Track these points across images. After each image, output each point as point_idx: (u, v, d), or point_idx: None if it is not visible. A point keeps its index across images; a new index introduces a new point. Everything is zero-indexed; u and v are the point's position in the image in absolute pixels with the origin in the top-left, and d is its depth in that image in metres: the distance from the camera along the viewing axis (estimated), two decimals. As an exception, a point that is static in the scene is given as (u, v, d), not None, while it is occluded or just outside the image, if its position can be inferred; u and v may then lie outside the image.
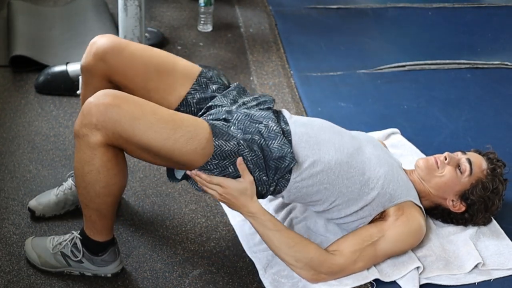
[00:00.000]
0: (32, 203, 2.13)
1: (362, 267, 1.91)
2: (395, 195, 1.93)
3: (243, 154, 1.79)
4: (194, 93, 1.96)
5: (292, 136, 1.88)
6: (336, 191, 1.89)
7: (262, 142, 1.82)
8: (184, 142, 1.74)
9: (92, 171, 1.73)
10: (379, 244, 1.90)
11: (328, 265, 1.87)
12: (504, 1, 3.92)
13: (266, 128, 1.85)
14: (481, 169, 2.03)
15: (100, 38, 1.96)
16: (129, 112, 1.69)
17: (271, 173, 1.83)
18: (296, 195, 1.90)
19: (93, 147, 1.70)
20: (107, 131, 1.68)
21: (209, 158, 1.77)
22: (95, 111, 1.67)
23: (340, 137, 1.96)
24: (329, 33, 3.43)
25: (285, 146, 1.82)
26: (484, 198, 2.02)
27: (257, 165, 1.81)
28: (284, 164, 1.82)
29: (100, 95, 1.70)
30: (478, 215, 2.06)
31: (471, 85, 3.03)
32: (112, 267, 1.93)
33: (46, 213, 2.12)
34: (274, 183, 1.85)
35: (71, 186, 2.13)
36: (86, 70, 1.97)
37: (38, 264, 1.93)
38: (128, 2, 2.69)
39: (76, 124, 1.71)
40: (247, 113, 1.89)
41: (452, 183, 2.02)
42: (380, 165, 1.94)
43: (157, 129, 1.71)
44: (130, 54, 1.94)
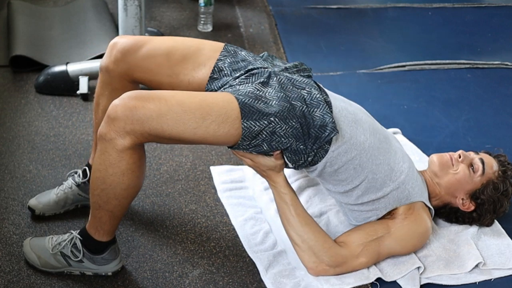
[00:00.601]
0: (32, 201, 2.13)
1: (363, 262, 1.91)
2: (412, 193, 1.94)
3: (275, 130, 1.76)
4: (224, 59, 1.93)
5: (333, 108, 1.87)
6: (363, 174, 1.89)
7: (305, 108, 1.80)
8: (216, 127, 1.73)
9: (117, 173, 1.73)
10: (384, 240, 1.90)
11: (332, 254, 1.88)
12: (504, 1, 3.92)
13: (309, 95, 1.83)
14: (492, 170, 2.04)
15: (120, 38, 1.97)
16: (155, 110, 1.69)
17: (310, 141, 1.81)
18: (327, 170, 1.89)
19: (121, 150, 1.70)
20: (136, 133, 1.69)
21: (239, 139, 1.76)
22: (122, 115, 1.68)
23: (373, 121, 1.97)
24: (329, 33, 3.43)
25: (327, 115, 1.80)
26: (494, 198, 2.04)
27: (294, 136, 1.79)
28: (325, 133, 1.80)
29: (125, 99, 1.70)
30: (486, 216, 2.07)
31: (471, 85, 3.03)
32: (113, 265, 1.93)
33: (46, 212, 2.12)
34: (313, 153, 1.83)
35: (71, 185, 2.13)
36: (105, 71, 1.97)
37: (38, 265, 1.93)
38: (128, 2, 2.69)
39: (102, 128, 1.71)
40: (290, 78, 1.87)
41: (464, 181, 2.03)
42: (404, 160, 1.95)
43: (185, 120, 1.71)
44: (150, 47, 1.93)
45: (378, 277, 1.92)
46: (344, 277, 1.92)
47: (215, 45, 1.97)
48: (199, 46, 1.96)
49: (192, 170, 2.39)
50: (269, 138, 1.77)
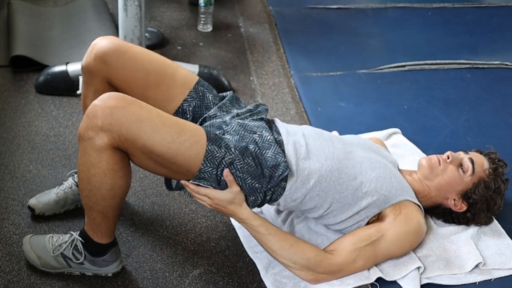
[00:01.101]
0: (32, 201, 2.13)
1: (362, 266, 1.90)
2: (389, 196, 1.93)
3: (233, 161, 1.79)
4: (190, 101, 1.96)
5: (285, 146, 1.89)
6: (329, 197, 1.90)
7: (257, 150, 1.83)
8: (188, 146, 1.74)
9: (98, 173, 1.73)
10: (379, 243, 1.90)
11: (326, 265, 1.87)
12: (504, 1, 3.92)
13: (260, 137, 1.86)
14: (483, 168, 2.03)
15: (101, 39, 1.96)
16: (135, 114, 1.69)
17: (265, 181, 1.83)
18: (291, 203, 1.91)
19: (99, 150, 1.69)
20: (113, 134, 1.68)
21: (202, 164, 1.76)
22: (101, 113, 1.67)
23: (331, 143, 1.96)
24: (329, 33, 3.43)
25: (279, 155, 1.84)
26: (487, 197, 2.03)
27: (249, 173, 1.81)
28: (277, 172, 1.83)
29: (105, 98, 1.70)
30: (480, 215, 2.06)
31: (471, 85, 3.03)
32: (113, 267, 1.93)
33: (46, 212, 2.12)
34: (270, 191, 1.86)
35: (71, 185, 2.13)
36: (86, 71, 1.97)
37: (38, 265, 1.93)
38: (128, 2, 2.69)
39: (81, 127, 1.71)
40: (241, 123, 1.90)
41: (454, 182, 2.03)
42: (372, 168, 1.94)
43: (162, 132, 1.71)
44: (131, 58, 1.93)
45: (378, 277, 1.92)
46: (344, 278, 1.91)
47: (187, 78, 1.98)
48: (174, 76, 1.96)
49: (192, 170, 2.39)
50: (228, 168, 1.79)
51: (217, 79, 2.86)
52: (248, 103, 2.82)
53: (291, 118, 2.69)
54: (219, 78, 2.87)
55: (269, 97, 2.85)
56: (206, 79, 2.80)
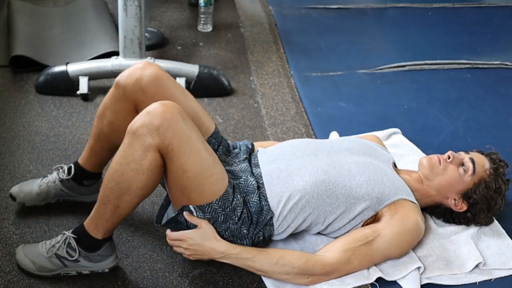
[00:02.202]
0: (14, 189, 2.13)
1: (358, 265, 1.91)
2: (382, 197, 1.94)
3: (236, 209, 1.85)
4: None
5: (263, 178, 1.93)
6: (322, 212, 1.92)
7: (245, 196, 1.88)
8: (216, 180, 1.81)
9: (137, 170, 1.75)
10: (375, 243, 1.90)
11: (319, 266, 1.88)
12: (504, 1, 3.92)
13: (245, 182, 1.91)
14: (484, 168, 2.04)
15: (148, 65, 1.98)
16: (188, 130, 1.76)
17: (252, 227, 1.88)
18: (287, 231, 1.94)
19: (147, 148, 1.72)
20: (165, 139, 1.72)
21: (216, 199, 1.82)
22: (162, 115, 1.72)
23: (314, 156, 1.98)
24: (329, 33, 3.43)
25: (261, 199, 1.89)
26: (487, 197, 2.03)
27: (242, 220, 1.87)
28: (262, 217, 1.88)
29: (169, 104, 1.76)
30: (480, 215, 2.06)
31: (471, 85, 3.03)
32: (109, 262, 1.93)
33: (26, 202, 2.13)
34: (260, 233, 1.90)
35: (55, 179, 2.13)
36: (121, 89, 1.98)
37: (33, 271, 1.91)
38: (128, 2, 2.69)
39: (136, 122, 1.74)
40: (229, 170, 1.95)
41: (455, 182, 2.03)
42: (361, 173, 1.95)
43: (203, 157, 1.78)
44: (168, 93, 1.96)
45: (378, 277, 1.92)
46: (344, 278, 1.91)
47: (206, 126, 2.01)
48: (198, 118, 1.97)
49: (192, 170, 2.39)
50: (229, 213, 1.85)
51: (217, 79, 2.86)
52: (248, 103, 2.82)
53: (291, 118, 2.69)
54: (219, 78, 2.87)
55: (269, 97, 2.85)
56: (206, 79, 2.83)
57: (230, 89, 2.90)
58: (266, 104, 2.79)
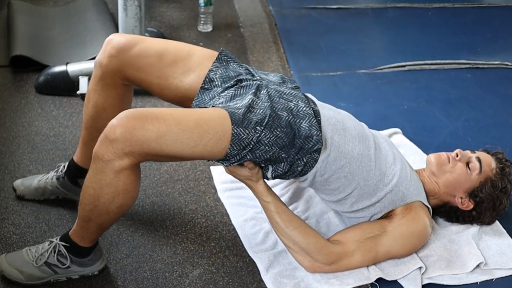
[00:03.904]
0: (16, 182, 2.19)
1: (359, 259, 1.91)
2: (407, 194, 1.94)
3: (260, 138, 1.76)
4: (215, 70, 1.93)
5: (322, 117, 1.88)
6: (354, 182, 1.90)
7: (291, 119, 1.81)
8: (214, 144, 1.74)
9: (112, 193, 1.72)
10: (381, 239, 1.90)
11: (325, 252, 1.88)
12: (504, 1, 3.92)
13: (296, 106, 1.85)
14: (490, 167, 2.05)
15: (115, 35, 1.98)
16: (154, 131, 1.68)
17: (293, 151, 1.81)
18: (318, 179, 1.90)
19: (118, 171, 1.69)
20: (135, 154, 1.68)
21: (228, 148, 1.75)
22: (121, 137, 1.66)
23: (362, 128, 1.98)
24: (329, 33, 3.43)
25: (313, 127, 1.82)
26: (493, 196, 2.04)
27: (278, 145, 1.79)
28: (308, 145, 1.82)
29: (123, 118, 1.68)
30: (485, 214, 2.07)
31: (471, 85, 3.03)
32: (98, 264, 1.93)
33: (25, 195, 2.17)
34: (302, 162, 1.84)
35: (53, 177, 2.16)
36: (99, 66, 1.98)
37: (22, 280, 1.87)
38: (128, 2, 2.69)
39: (99, 148, 1.69)
40: (278, 90, 1.88)
41: (462, 180, 2.04)
42: (395, 163, 1.95)
43: (184, 139, 1.71)
44: (144, 47, 1.95)
45: (378, 278, 1.92)
46: (344, 277, 1.91)
47: (206, 52, 1.98)
48: (190, 52, 1.97)
49: (192, 170, 2.39)
50: (254, 147, 1.78)
51: (217, 79, 2.85)
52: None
53: (291, 118, 2.69)
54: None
55: (269, 97, 2.85)
56: (206, 79, 2.83)
57: (230, 89, 2.89)
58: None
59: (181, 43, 2.01)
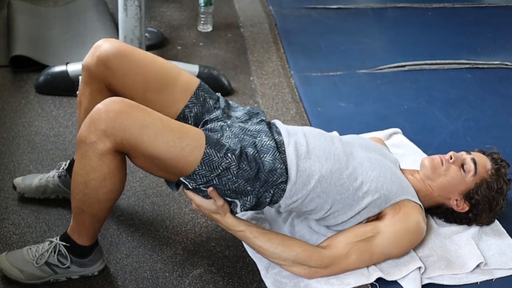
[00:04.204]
0: (17, 180, 2.19)
1: (356, 261, 1.90)
2: (389, 196, 1.93)
3: (230, 166, 1.79)
4: (192, 107, 1.96)
5: (285, 146, 1.90)
6: (330, 198, 1.91)
7: (255, 154, 1.84)
8: (190, 151, 1.75)
9: (98, 177, 1.73)
10: (375, 240, 1.90)
11: (317, 258, 1.88)
12: (504, 1, 3.92)
13: (260, 142, 1.87)
14: (485, 169, 2.04)
15: (104, 42, 1.96)
16: (138, 119, 1.70)
17: (258, 184, 1.84)
18: (292, 205, 1.92)
19: (101, 154, 1.69)
20: (116, 138, 1.68)
21: (198, 165, 1.77)
22: (105, 117, 1.67)
23: (331, 143, 1.96)
24: (329, 33, 3.43)
25: (276, 160, 1.85)
26: (489, 197, 2.03)
27: (243, 177, 1.82)
28: (273, 178, 1.84)
29: (109, 102, 1.70)
30: (482, 215, 2.06)
31: (471, 85, 3.03)
32: (98, 265, 1.93)
33: (26, 193, 2.17)
34: (269, 193, 1.86)
35: (54, 175, 2.16)
36: (86, 70, 1.97)
37: (22, 279, 1.88)
38: (128, 2, 2.69)
39: (82, 130, 1.70)
40: (243, 127, 1.91)
41: (456, 183, 2.03)
42: (372, 169, 1.94)
43: (164, 137, 1.72)
44: (133, 63, 1.93)
45: (378, 278, 1.92)
46: (344, 277, 1.91)
47: (189, 82, 1.98)
48: (175, 80, 1.96)
49: (192, 170, 2.39)
50: (222, 173, 1.79)
51: (217, 79, 2.86)
52: (248, 103, 2.82)
53: (291, 118, 2.69)
54: (219, 78, 2.87)
55: (269, 97, 2.85)
56: (206, 79, 2.81)
57: (230, 89, 2.90)
58: (266, 104, 2.79)
59: (169, 65, 1.99)
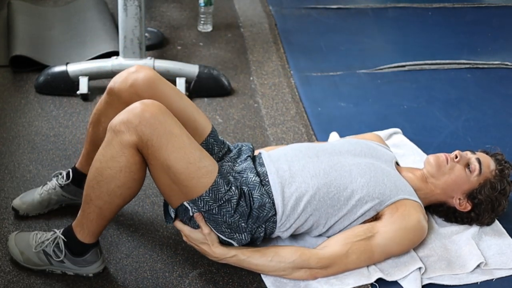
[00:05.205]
0: (16, 202, 2.13)
1: (356, 260, 1.91)
2: (384, 198, 1.94)
3: (231, 200, 1.83)
4: None
5: (269, 176, 1.93)
6: (323, 214, 1.92)
7: (248, 191, 1.88)
8: (204, 173, 1.80)
9: (115, 167, 1.75)
10: (375, 239, 1.90)
11: (316, 260, 1.89)
12: (504, 1, 3.92)
13: (246, 180, 1.91)
14: (489, 169, 2.04)
15: (140, 70, 1.96)
16: (169, 127, 1.75)
17: (251, 221, 1.87)
18: (289, 231, 1.94)
19: (124, 145, 1.73)
20: (143, 136, 1.72)
21: (205, 191, 1.80)
22: (140, 114, 1.72)
23: (316, 158, 1.98)
24: (329, 33, 3.43)
25: (263, 196, 1.88)
26: (492, 198, 2.03)
27: (240, 213, 1.86)
28: (263, 213, 1.88)
29: (149, 103, 1.76)
30: (484, 215, 2.06)
31: (471, 85, 3.03)
32: (94, 267, 1.93)
33: (30, 212, 2.12)
34: (262, 228, 1.90)
35: (55, 186, 2.13)
36: (115, 94, 1.97)
37: (20, 261, 1.93)
38: (128, 2, 2.69)
39: (116, 119, 1.74)
40: (231, 166, 1.96)
41: (461, 182, 2.03)
42: (362, 174, 1.95)
43: (187, 151, 1.77)
44: (162, 93, 1.95)
45: (378, 278, 1.92)
46: (344, 277, 1.92)
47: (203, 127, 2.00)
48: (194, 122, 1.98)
49: (192, 170, 2.39)
50: (223, 204, 1.83)
51: (217, 79, 2.86)
52: (248, 103, 2.82)
53: (291, 118, 2.69)
54: (219, 78, 2.87)
55: (269, 97, 2.85)
56: (206, 79, 2.83)
57: (230, 89, 2.90)
58: (266, 104, 2.79)
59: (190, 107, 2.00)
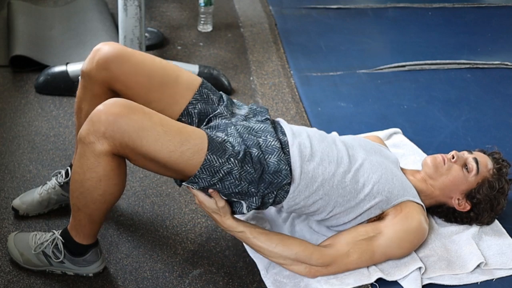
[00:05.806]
0: (15, 202, 2.13)
1: (357, 260, 1.91)
2: (391, 197, 1.94)
3: (232, 170, 1.79)
4: (195, 103, 1.95)
5: (290, 147, 1.90)
6: (332, 201, 1.91)
7: (260, 155, 1.83)
8: (190, 155, 1.75)
9: (94, 178, 1.73)
10: (376, 240, 1.90)
11: (317, 256, 1.88)
12: (504, 1, 3.92)
13: (264, 142, 1.87)
14: (487, 168, 2.04)
15: (104, 45, 1.95)
16: (138, 123, 1.69)
17: (263, 186, 1.83)
18: (294, 206, 1.92)
19: (98, 155, 1.70)
20: (115, 141, 1.68)
21: (198, 170, 1.77)
22: (104, 120, 1.67)
23: (334, 146, 1.97)
24: (329, 33, 3.43)
25: (281, 162, 1.84)
26: (490, 197, 2.03)
27: (246, 180, 1.81)
28: (278, 179, 1.84)
29: (110, 104, 1.70)
30: (483, 214, 2.07)
31: (471, 85, 3.03)
32: (94, 267, 1.93)
33: (30, 212, 2.12)
34: (272, 194, 1.86)
35: (55, 185, 2.13)
36: (86, 76, 1.96)
37: (20, 262, 1.93)
38: (128, 2, 2.69)
39: (82, 130, 1.71)
40: (247, 126, 1.91)
41: (458, 182, 2.03)
42: (373, 171, 1.95)
43: (164, 141, 1.72)
44: (134, 64, 1.93)
45: (378, 278, 1.92)
46: (344, 277, 1.92)
47: (191, 80, 1.97)
48: (177, 78, 1.95)
49: (192, 170, 2.39)
50: (224, 177, 1.79)
51: (217, 79, 2.86)
52: (248, 103, 2.82)
53: (291, 118, 2.69)
54: (219, 78, 2.87)
55: (269, 97, 2.85)
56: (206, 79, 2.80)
57: (230, 89, 2.90)
58: (266, 104, 2.79)
59: (169, 66, 1.98)
